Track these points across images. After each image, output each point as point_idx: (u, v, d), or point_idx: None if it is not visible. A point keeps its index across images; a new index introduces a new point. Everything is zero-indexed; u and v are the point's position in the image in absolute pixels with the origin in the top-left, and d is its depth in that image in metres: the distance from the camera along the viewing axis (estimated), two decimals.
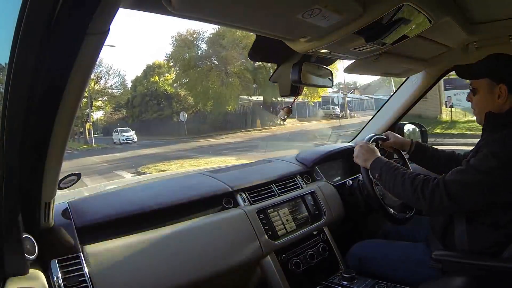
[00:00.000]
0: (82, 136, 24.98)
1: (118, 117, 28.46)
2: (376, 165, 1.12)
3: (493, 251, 0.95)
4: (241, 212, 1.16)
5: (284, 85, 1.19)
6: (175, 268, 0.95)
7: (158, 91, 24.68)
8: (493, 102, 1.01)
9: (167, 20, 73.63)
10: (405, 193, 1.00)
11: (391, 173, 1.06)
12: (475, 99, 1.07)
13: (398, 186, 1.02)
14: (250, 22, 0.80)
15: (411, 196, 0.99)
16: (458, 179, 0.93)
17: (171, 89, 24.44)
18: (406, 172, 1.03)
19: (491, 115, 1.01)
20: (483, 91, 1.03)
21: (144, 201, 1.07)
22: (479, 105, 1.06)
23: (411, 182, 0.99)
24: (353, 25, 0.85)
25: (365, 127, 1.98)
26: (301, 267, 1.20)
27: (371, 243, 1.31)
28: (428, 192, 0.95)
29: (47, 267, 0.80)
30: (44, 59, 0.49)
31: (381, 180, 1.09)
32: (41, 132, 0.59)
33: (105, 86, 24.31)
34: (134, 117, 26.02)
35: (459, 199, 0.92)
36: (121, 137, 21.69)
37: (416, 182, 0.98)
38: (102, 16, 0.46)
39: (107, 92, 24.61)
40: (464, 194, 0.92)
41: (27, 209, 0.73)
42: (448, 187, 0.93)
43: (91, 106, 23.21)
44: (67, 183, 0.92)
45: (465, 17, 1.13)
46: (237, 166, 1.62)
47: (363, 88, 34.21)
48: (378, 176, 1.10)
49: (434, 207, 0.95)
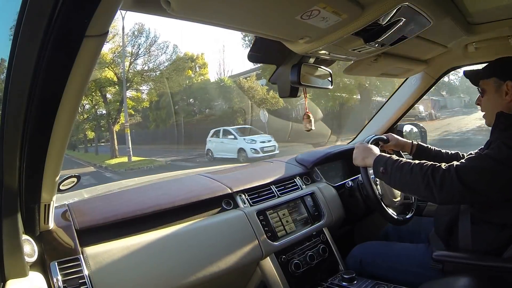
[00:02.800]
0: (94, 144, 17.35)
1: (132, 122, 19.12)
2: (380, 160, 1.10)
3: (496, 252, 0.95)
4: (241, 214, 1.16)
5: (283, 86, 1.19)
6: (175, 270, 0.95)
7: (193, 88, 17.38)
8: (502, 100, 1.02)
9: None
10: (414, 180, 0.97)
11: (397, 164, 1.03)
12: (484, 100, 1.08)
13: (406, 175, 0.99)
14: (249, 24, 0.80)
15: (421, 183, 0.95)
16: (471, 165, 0.92)
17: (229, 81, 17.18)
18: (412, 161, 1.01)
19: (503, 114, 1.01)
20: (491, 90, 1.05)
21: (144, 203, 1.07)
22: (488, 106, 1.07)
23: (420, 168, 0.97)
24: (352, 26, 0.85)
25: (364, 129, 1.98)
26: (301, 268, 1.20)
27: (372, 245, 1.31)
28: (439, 177, 0.92)
29: (46, 269, 0.80)
30: (43, 61, 0.49)
31: (386, 173, 1.05)
32: (40, 134, 0.60)
33: (144, 69, 14.98)
34: (158, 122, 18.15)
35: (471, 183, 0.89)
36: (252, 146, 11.12)
37: (426, 168, 0.96)
38: (101, 18, 0.46)
39: (149, 78, 15.35)
40: (476, 179, 0.90)
41: (26, 211, 0.73)
42: (460, 172, 0.91)
43: (124, 101, 13.98)
44: (67, 185, 0.92)
45: (464, 17, 1.13)
46: (237, 167, 1.62)
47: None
48: (383, 170, 1.06)
49: (445, 193, 0.92)
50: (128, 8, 0.63)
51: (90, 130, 15.96)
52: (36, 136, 0.59)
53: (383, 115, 1.89)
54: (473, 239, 0.99)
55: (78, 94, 0.56)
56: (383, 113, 1.89)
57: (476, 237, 0.99)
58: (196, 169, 2.40)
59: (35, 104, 0.54)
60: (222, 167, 1.82)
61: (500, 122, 1.01)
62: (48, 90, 0.53)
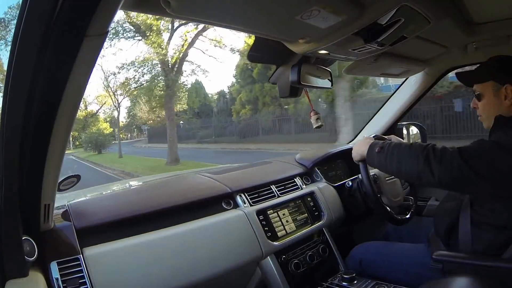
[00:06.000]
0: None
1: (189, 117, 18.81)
2: (376, 143, 1.06)
3: (496, 253, 0.95)
4: (241, 213, 1.16)
5: (283, 86, 1.19)
6: (175, 270, 0.95)
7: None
8: (501, 104, 1.00)
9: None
10: (412, 155, 0.93)
11: (395, 145, 0.99)
12: (481, 105, 1.06)
13: (405, 155, 0.95)
14: (249, 24, 0.80)
15: (420, 157, 0.90)
16: (472, 146, 0.90)
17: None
18: (412, 143, 0.99)
19: (502, 118, 0.99)
20: (489, 94, 1.02)
21: (144, 203, 1.07)
22: (486, 110, 1.04)
23: (419, 145, 0.94)
24: (352, 26, 0.85)
25: (364, 128, 1.98)
26: (301, 268, 1.20)
27: (372, 245, 1.31)
28: (439, 151, 0.89)
29: (46, 269, 0.80)
30: (43, 60, 0.49)
31: (383, 151, 1.01)
32: (40, 134, 0.59)
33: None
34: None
35: (471, 160, 0.86)
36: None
37: (426, 147, 0.92)
38: (101, 17, 0.46)
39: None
40: (476, 156, 0.87)
41: (26, 211, 0.73)
42: (462, 150, 0.87)
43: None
44: (67, 185, 0.92)
45: (464, 17, 1.13)
46: (237, 167, 1.62)
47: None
48: (379, 148, 1.02)
49: (443, 165, 0.87)
50: (128, 8, 0.63)
51: None
52: (36, 136, 0.59)
53: (383, 115, 1.89)
54: (473, 241, 0.99)
55: (78, 94, 0.56)
56: (383, 113, 1.89)
57: (476, 238, 0.98)
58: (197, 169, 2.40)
59: (35, 104, 0.54)
60: (222, 167, 1.82)
61: (498, 125, 1.00)
62: (49, 90, 0.53)
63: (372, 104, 8.63)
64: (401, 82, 1.82)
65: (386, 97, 1.92)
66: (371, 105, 8.55)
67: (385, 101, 1.91)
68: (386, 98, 1.92)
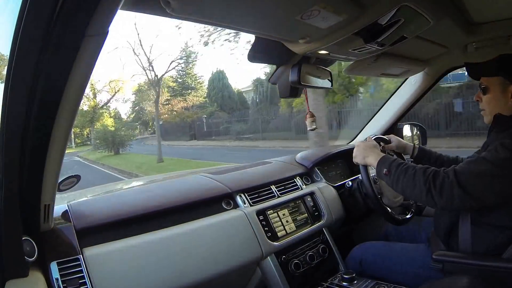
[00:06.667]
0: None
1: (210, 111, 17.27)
2: (384, 161, 1.08)
3: (496, 253, 0.95)
4: (241, 214, 1.16)
5: (283, 86, 1.19)
6: (175, 270, 0.95)
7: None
8: (506, 103, 0.99)
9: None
10: (416, 185, 0.96)
11: (402, 167, 1.02)
12: (485, 98, 1.05)
13: (410, 179, 0.98)
14: (249, 24, 0.80)
15: (423, 187, 0.94)
16: (469, 168, 0.92)
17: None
18: (416, 166, 1.01)
19: (501, 116, 1.00)
20: (496, 90, 1.01)
21: (144, 203, 1.07)
22: (490, 105, 1.04)
23: (423, 172, 0.96)
24: (352, 26, 0.85)
25: (364, 128, 1.98)
26: (301, 268, 1.20)
27: (372, 245, 1.31)
28: (439, 182, 0.92)
29: (46, 269, 0.80)
30: (43, 61, 0.49)
31: (390, 175, 1.04)
32: (41, 134, 0.59)
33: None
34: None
35: (470, 187, 0.90)
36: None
37: (428, 172, 0.96)
38: (101, 17, 0.46)
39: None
40: (474, 183, 0.90)
41: (26, 211, 0.72)
42: (459, 176, 0.91)
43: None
44: (67, 185, 0.92)
45: (464, 17, 1.14)
46: (237, 167, 1.62)
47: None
48: (387, 171, 1.05)
49: (444, 198, 0.92)
50: (128, 8, 0.63)
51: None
52: (36, 136, 0.59)
53: (383, 115, 1.89)
54: (473, 241, 0.99)
55: (78, 94, 0.56)
56: (383, 113, 1.89)
57: (476, 238, 0.98)
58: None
59: (35, 104, 0.54)
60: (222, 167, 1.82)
61: (497, 124, 1.00)
62: (49, 89, 0.53)
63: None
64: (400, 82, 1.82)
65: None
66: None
67: (385, 101, 1.91)
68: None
